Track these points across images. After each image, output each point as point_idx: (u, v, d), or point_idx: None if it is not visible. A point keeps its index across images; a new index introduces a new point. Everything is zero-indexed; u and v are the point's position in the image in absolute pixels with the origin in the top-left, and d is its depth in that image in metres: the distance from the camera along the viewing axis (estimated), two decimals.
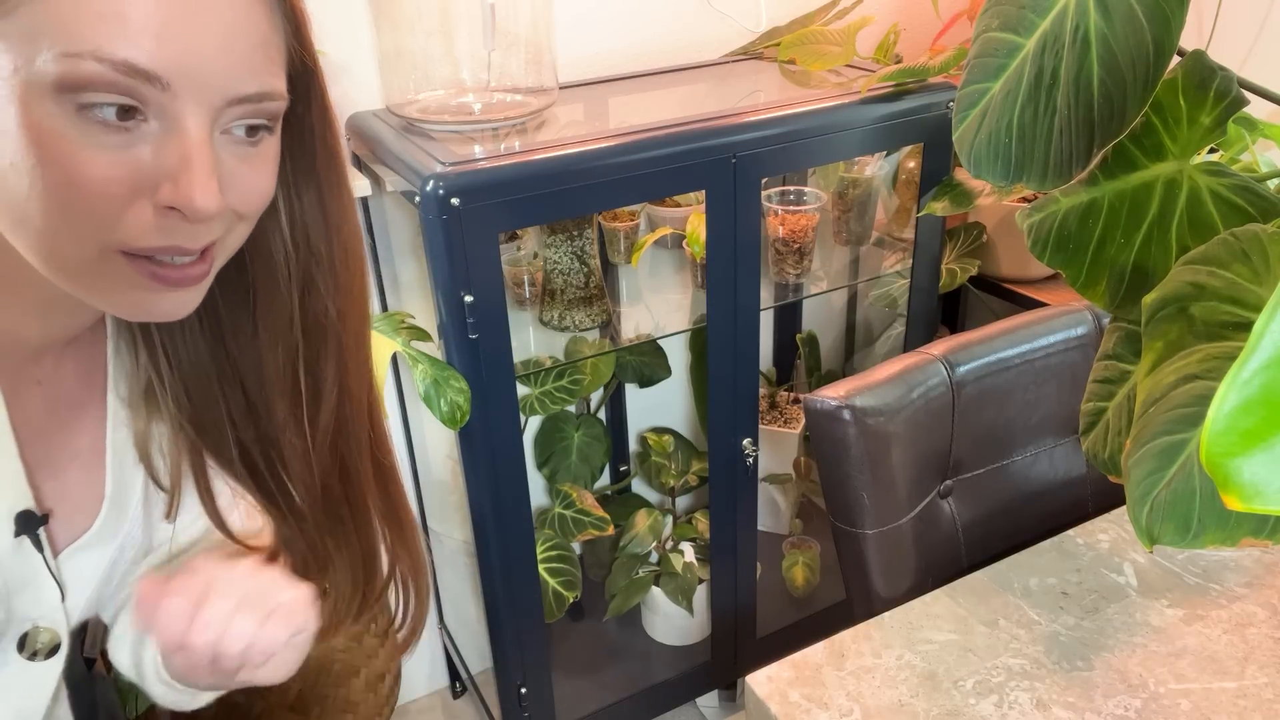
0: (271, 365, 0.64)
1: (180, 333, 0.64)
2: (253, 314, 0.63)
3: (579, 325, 1.43)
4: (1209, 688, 0.80)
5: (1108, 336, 0.75)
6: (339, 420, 0.67)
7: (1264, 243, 0.56)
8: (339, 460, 0.69)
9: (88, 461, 0.68)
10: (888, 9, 1.71)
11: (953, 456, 1.10)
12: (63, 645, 0.67)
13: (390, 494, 0.74)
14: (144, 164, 0.48)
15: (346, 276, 0.63)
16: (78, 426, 0.67)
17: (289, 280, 0.61)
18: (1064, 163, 0.65)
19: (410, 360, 1.20)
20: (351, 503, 0.71)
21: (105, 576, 0.70)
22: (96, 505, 0.68)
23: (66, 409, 0.66)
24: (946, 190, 1.46)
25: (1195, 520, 0.54)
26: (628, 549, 1.68)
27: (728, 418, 1.44)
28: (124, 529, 0.70)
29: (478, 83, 1.34)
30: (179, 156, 0.48)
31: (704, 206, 1.29)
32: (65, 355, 0.65)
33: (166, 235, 0.50)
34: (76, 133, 0.46)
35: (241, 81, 0.49)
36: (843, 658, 0.85)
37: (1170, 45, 0.59)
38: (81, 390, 0.67)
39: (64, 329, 0.63)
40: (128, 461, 0.69)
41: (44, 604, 0.65)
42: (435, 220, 1.10)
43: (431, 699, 1.89)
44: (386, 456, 0.73)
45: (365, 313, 0.67)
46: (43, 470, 0.65)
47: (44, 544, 0.64)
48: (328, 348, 0.64)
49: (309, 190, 0.60)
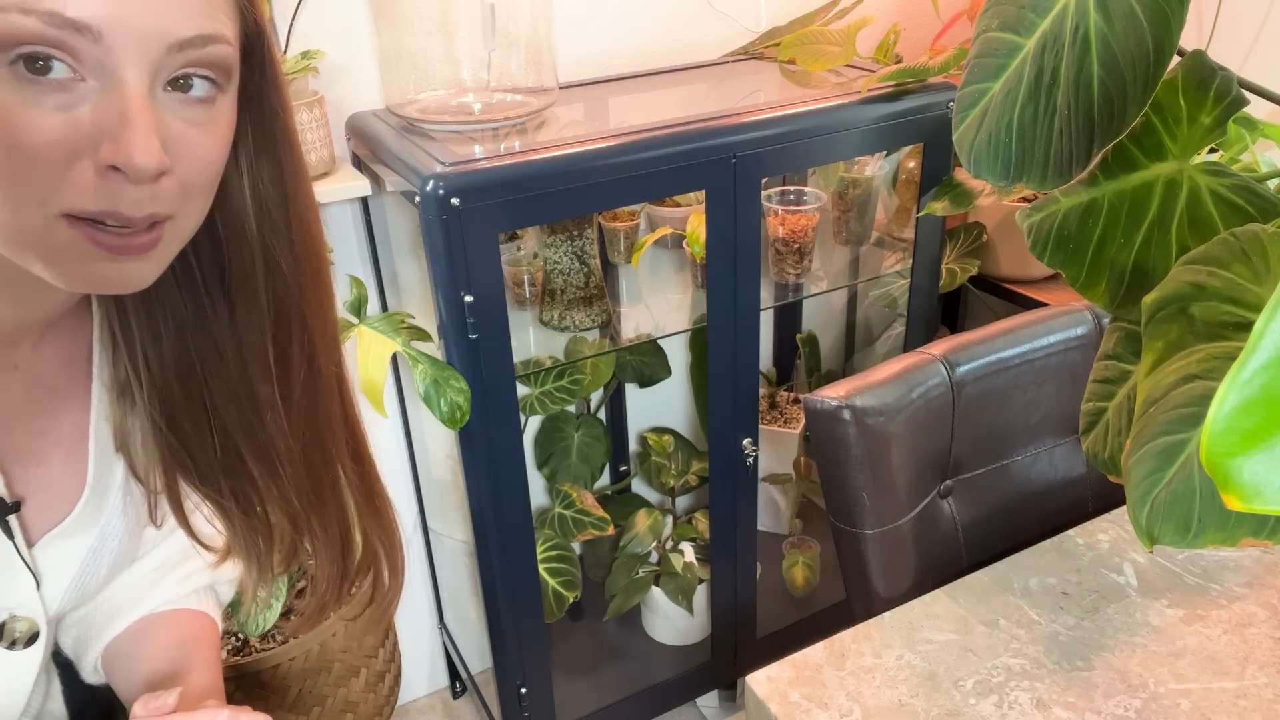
0: (250, 344, 0.63)
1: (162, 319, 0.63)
2: (229, 294, 0.62)
3: (579, 325, 1.43)
4: (1209, 688, 0.80)
5: (1108, 336, 0.75)
6: (309, 395, 0.66)
7: (1264, 243, 0.56)
8: (316, 436, 0.68)
9: (70, 448, 0.67)
10: (888, 9, 1.71)
11: (953, 456, 1.10)
12: (42, 634, 0.67)
13: (364, 468, 0.73)
14: (83, 123, 0.46)
15: (306, 248, 0.62)
16: (60, 413, 0.66)
17: (258, 255, 0.60)
18: (1064, 163, 0.65)
19: (410, 360, 1.20)
20: (331, 479, 0.71)
21: (85, 565, 0.69)
22: (78, 492, 0.67)
23: (47, 395, 0.65)
24: (946, 190, 1.46)
25: (1195, 520, 0.54)
26: (628, 549, 1.68)
27: (728, 418, 1.44)
28: (103, 517, 0.69)
29: (478, 83, 1.34)
30: (118, 113, 0.46)
31: (704, 206, 1.29)
32: (45, 340, 0.65)
33: (108, 199, 0.48)
34: (11, 93, 0.45)
35: (178, 25, 0.47)
36: (843, 658, 0.85)
37: (1170, 45, 0.59)
38: (63, 376, 0.66)
39: (36, 310, 0.61)
40: (109, 449, 0.69)
41: (19, 592, 0.65)
42: (435, 220, 1.10)
43: (431, 699, 1.89)
44: (359, 430, 0.72)
45: (327, 285, 0.66)
46: (24, 458, 0.65)
47: (14, 531, 0.63)
48: (293, 323, 0.63)
49: (269, 163, 0.59)
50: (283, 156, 0.59)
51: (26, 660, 0.67)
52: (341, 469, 0.71)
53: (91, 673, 0.78)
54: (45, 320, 0.64)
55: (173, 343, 0.63)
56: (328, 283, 0.66)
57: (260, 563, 0.73)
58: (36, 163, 0.46)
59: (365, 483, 0.74)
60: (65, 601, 0.69)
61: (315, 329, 0.65)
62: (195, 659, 0.77)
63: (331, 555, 0.73)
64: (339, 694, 1.47)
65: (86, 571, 0.70)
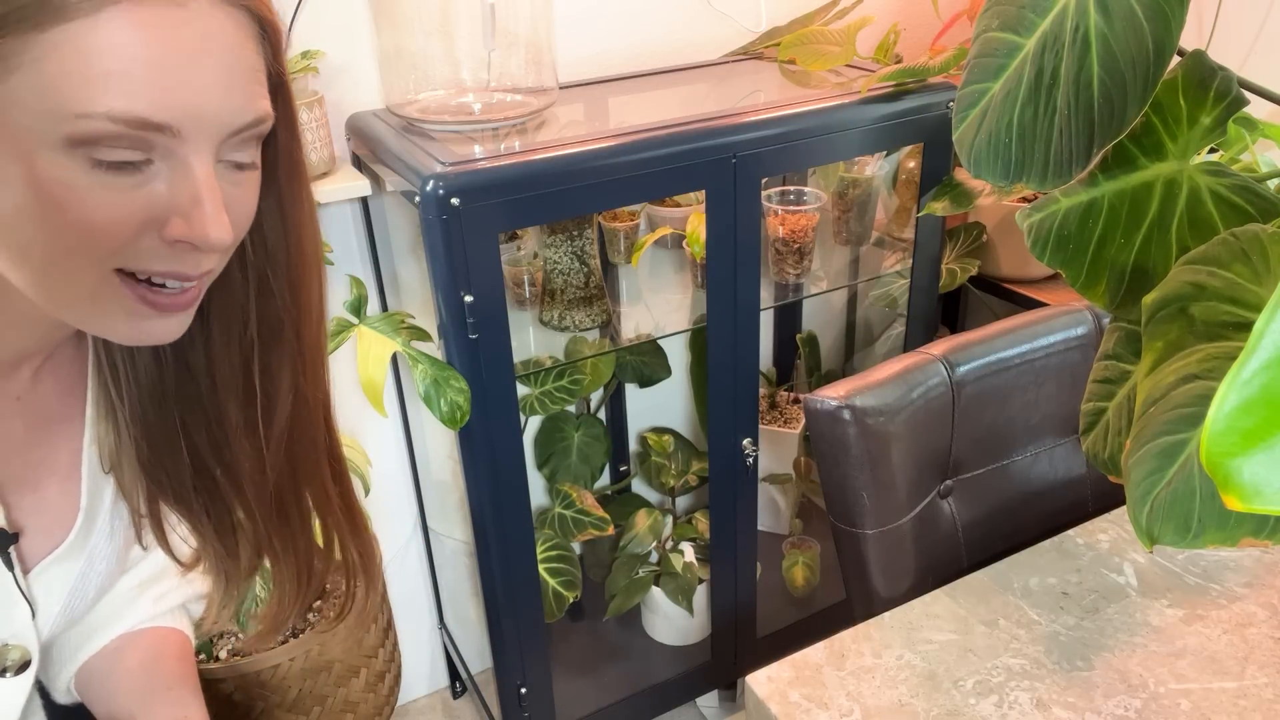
0: (225, 367, 0.65)
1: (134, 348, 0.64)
2: (206, 316, 0.63)
3: (579, 325, 1.43)
4: (1209, 688, 0.80)
5: (1108, 336, 0.75)
6: (294, 424, 0.68)
7: (1264, 243, 0.56)
8: (293, 463, 0.70)
9: (66, 475, 0.68)
10: (888, 9, 1.71)
11: (953, 456, 1.10)
12: (33, 661, 0.67)
13: (344, 491, 0.75)
14: (154, 203, 0.49)
15: (303, 282, 0.64)
16: (57, 442, 0.67)
17: (245, 282, 0.62)
18: (1064, 163, 0.65)
19: (410, 360, 1.20)
20: (300, 504, 0.72)
21: (75, 589, 0.70)
22: (72, 517, 0.68)
23: (46, 424, 0.66)
24: (946, 190, 1.46)
25: (1195, 520, 0.54)
26: (628, 549, 1.68)
27: (728, 418, 1.44)
28: (92, 540, 0.70)
29: (478, 83, 1.34)
30: (189, 195, 0.49)
31: (704, 206, 1.29)
32: (44, 370, 0.66)
33: (172, 262, 0.51)
34: (88, 181, 0.47)
35: (240, 113, 0.51)
36: (843, 658, 0.85)
37: (1170, 45, 0.59)
38: (61, 406, 0.67)
39: (40, 342, 0.63)
40: (99, 472, 0.69)
41: (15, 622, 0.66)
42: (435, 220, 1.10)
43: (431, 699, 1.89)
44: (340, 455, 0.74)
45: (321, 319, 0.67)
46: (21, 486, 0.65)
47: (14, 563, 0.64)
48: (283, 351, 0.65)
49: (269, 196, 0.61)
50: (285, 191, 0.61)
51: (16, 688, 0.68)
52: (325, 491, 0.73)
53: (64, 693, 0.79)
54: (45, 350, 0.65)
55: (148, 363, 0.65)
56: (322, 316, 0.68)
57: (229, 578, 0.74)
58: (105, 238, 0.49)
59: (345, 501, 0.76)
60: (56, 626, 0.70)
61: (305, 358, 0.66)
62: (172, 677, 0.78)
63: (291, 574, 0.75)
64: (339, 694, 1.47)
65: (76, 595, 0.70)
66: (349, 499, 0.76)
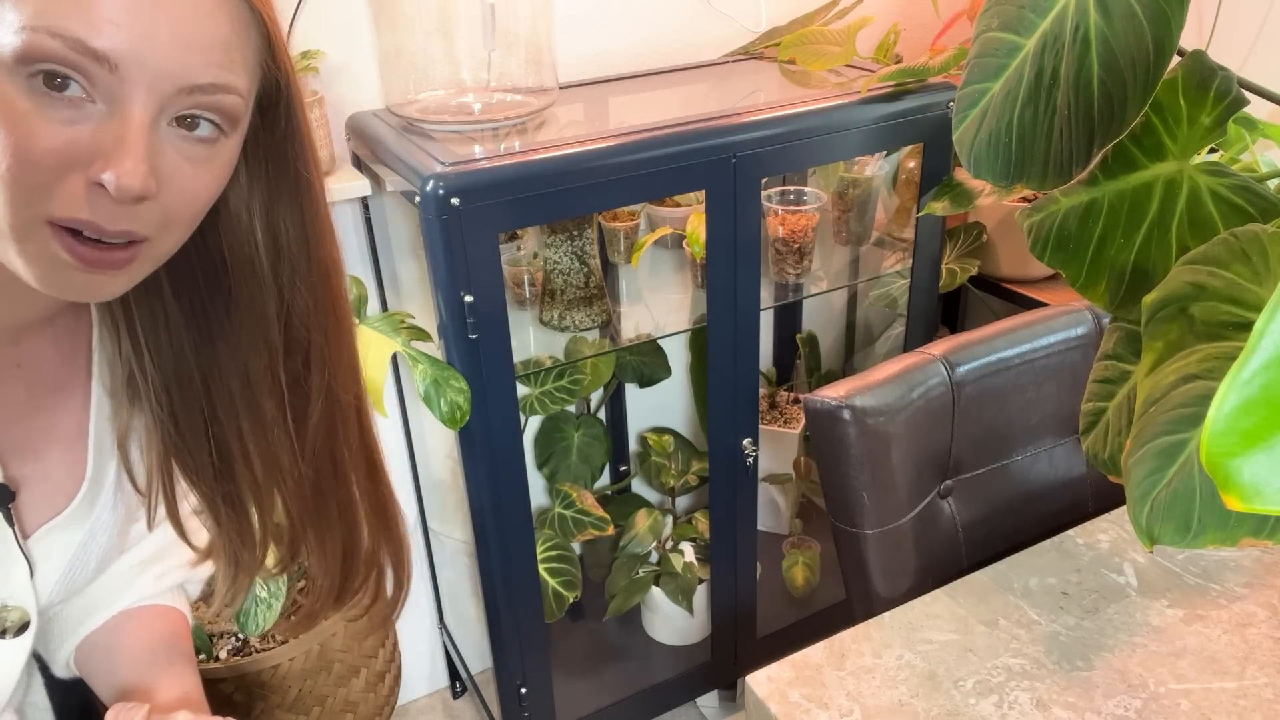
0: (256, 366, 0.66)
1: (163, 330, 0.66)
2: (234, 319, 0.65)
3: (579, 325, 1.43)
4: (1209, 688, 0.80)
5: (1108, 336, 0.75)
6: (328, 422, 0.70)
7: (1264, 243, 0.56)
8: (330, 459, 0.71)
9: (70, 444, 0.69)
10: (888, 9, 1.71)
11: (953, 456, 1.10)
12: (32, 623, 0.69)
13: (379, 488, 0.77)
14: (84, 140, 0.49)
15: (325, 290, 0.66)
16: (60, 409, 0.69)
17: (272, 290, 0.64)
18: (1064, 163, 0.65)
19: (410, 360, 1.20)
20: (339, 499, 0.74)
21: (76, 558, 0.71)
22: (75, 486, 0.69)
23: (48, 392, 0.68)
24: (946, 190, 1.46)
25: (1195, 520, 0.54)
26: (628, 549, 1.68)
27: (728, 418, 1.44)
28: (95, 512, 0.71)
29: (478, 83, 1.34)
30: (116, 136, 0.49)
31: (704, 206, 1.29)
32: (45, 338, 0.67)
33: (89, 209, 0.51)
34: (26, 101, 0.48)
35: (193, 71, 0.51)
36: (843, 658, 0.85)
37: (1170, 45, 0.59)
38: (64, 374, 0.68)
39: (32, 307, 0.64)
40: (106, 446, 0.71)
41: (13, 581, 0.67)
42: (435, 220, 1.10)
43: (431, 699, 1.89)
44: (375, 454, 0.76)
45: (347, 323, 0.69)
46: (23, 452, 0.67)
47: (14, 519, 0.65)
48: (311, 355, 0.67)
49: (290, 209, 0.62)
50: (304, 204, 0.62)
51: (15, 649, 0.69)
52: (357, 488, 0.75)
53: (63, 668, 0.80)
54: (43, 318, 0.66)
55: (171, 351, 0.66)
56: (347, 320, 0.69)
57: (240, 565, 0.75)
58: (34, 168, 0.49)
59: (379, 500, 0.77)
60: (54, 594, 0.71)
61: (334, 361, 0.68)
62: (174, 653, 0.79)
63: (326, 569, 0.76)
64: (339, 694, 1.47)
65: (76, 565, 0.71)
66: (383, 497, 0.77)
